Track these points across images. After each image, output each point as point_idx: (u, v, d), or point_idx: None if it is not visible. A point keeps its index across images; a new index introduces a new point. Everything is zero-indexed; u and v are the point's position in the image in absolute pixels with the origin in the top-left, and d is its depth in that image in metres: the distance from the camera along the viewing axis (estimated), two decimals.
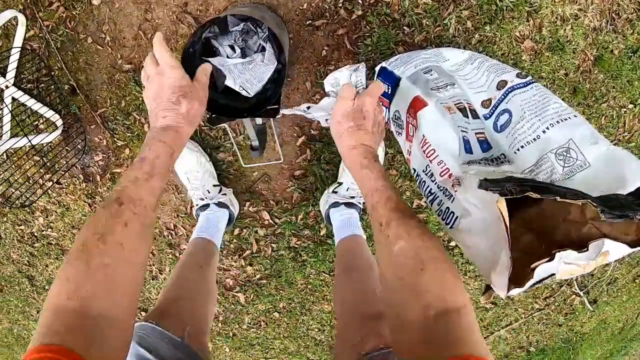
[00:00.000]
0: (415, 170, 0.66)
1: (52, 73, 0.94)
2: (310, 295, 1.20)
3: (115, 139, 0.99)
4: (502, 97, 0.65)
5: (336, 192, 0.93)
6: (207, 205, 0.93)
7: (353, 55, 0.87)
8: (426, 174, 0.62)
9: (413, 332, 0.39)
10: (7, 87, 0.93)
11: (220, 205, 0.93)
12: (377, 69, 0.84)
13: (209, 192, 0.93)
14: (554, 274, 0.47)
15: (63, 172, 1.03)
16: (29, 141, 0.89)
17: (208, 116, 0.67)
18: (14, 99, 0.95)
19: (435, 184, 0.60)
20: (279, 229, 1.05)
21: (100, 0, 0.87)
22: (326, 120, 0.65)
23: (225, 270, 1.15)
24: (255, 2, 0.84)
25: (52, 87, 0.95)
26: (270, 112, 0.69)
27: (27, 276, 1.28)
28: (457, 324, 0.38)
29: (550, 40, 0.82)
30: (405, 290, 0.41)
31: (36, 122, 0.98)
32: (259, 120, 0.85)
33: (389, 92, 0.80)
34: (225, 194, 0.96)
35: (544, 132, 0.57)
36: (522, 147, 0.58)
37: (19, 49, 0.90)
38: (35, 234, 1.17)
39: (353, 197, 0.92)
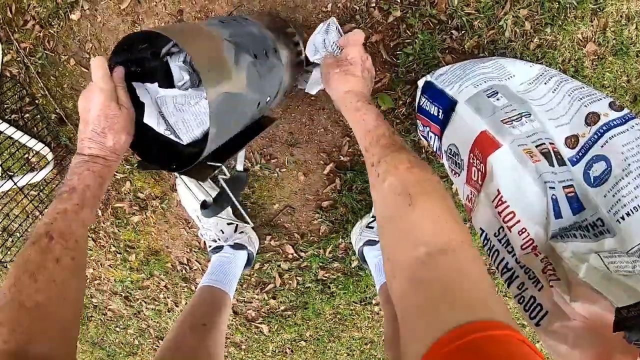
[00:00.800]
0: (482, 230, 0.56)
1: (37, 101, 0.87)
2: (340, 324, 1.16)
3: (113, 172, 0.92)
4: (595, 137, 0.53)
5: (372, 228, 0.85)
6: (220, 247, 0.87)
7: (390, 66, 0.75)
8: (500, 241, 0.53)
9: (403, 275, 0.36)
10: None
11: (237, 247, 0.87)
12: (420, 83, 0.72)
13: (222, 232, 0.87)
14: None
15: None
16: (15, 184, 0.83)
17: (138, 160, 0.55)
18: None
19: (514, 257, 0.50)
20: (305, 262, 0.99)
21: (79, 14, 0.77)
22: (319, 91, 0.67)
23: (246, 303, 1.11)
24: (262, 8, 0.72)
25: (38, 116, 0.88)
26: (204, 170, 0.52)
27: None
28: (452, 264, 0.34)
29: (615, 42, 0.72)
30: (394, 228, 0.39)
31: (26, 155, 0.92)
32: (240, 165, 0.73)
33: (440, 117, 0.68)
34: (242, 232, 0.89)
35: None
36: (627, 214, 0.47)
37: None
38: None
39: None
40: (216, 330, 0.73)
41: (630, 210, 0.47)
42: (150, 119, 0.52)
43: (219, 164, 0.54)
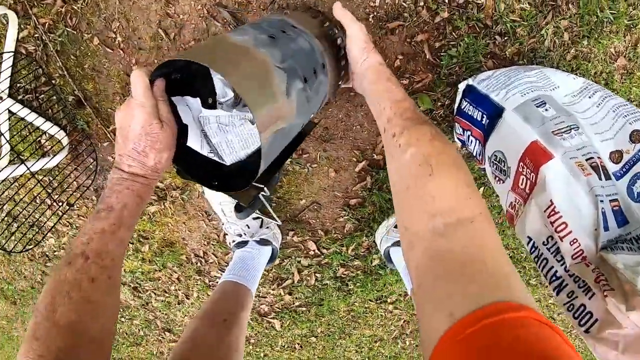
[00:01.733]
0: (530, 239, 0.59)
1: (53, 81, 0.85)
2: (352, 322, 1.19)
3: None
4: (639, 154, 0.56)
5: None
6: (245, 242, 0.88)
7: (432, 67, 0.76)
8: (549, 250, 0.56)
9: (420, 246, 0.37)
10: (1, 99, 0.84)
11: (262, 242, 0.88)
12: (461, 86, 0.74)
13: (248, 227, 0.88)
14: None
15: (77, 194, 0.98)
16: (28, 169, 0.82)
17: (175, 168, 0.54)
18: (10, 112, 0.87)
19: (564, 266, 0.54)
20: (326, 259, 1.02)
21: None
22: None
23: (260, 297, 1.13)
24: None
25: (54, 97, 0.86)
26: (248, 191, 0.54)
27: (40, 292, 1.29)
28: (469, 235, 0.36)
29: None
30: (412, 199, 0.41)
31: (39, 139, 0.91)
32: None
33: (483, 123, 0.70)
34: (268, 227, 0.90)
35: None
36: None
37: (12, 53, 0.80)
38: (47, 253, 1.16)
39: None
40: (237, 327, 0.74)
41: None
42: (193, 141, 0.51)
43: (262, 185, 0.55)
